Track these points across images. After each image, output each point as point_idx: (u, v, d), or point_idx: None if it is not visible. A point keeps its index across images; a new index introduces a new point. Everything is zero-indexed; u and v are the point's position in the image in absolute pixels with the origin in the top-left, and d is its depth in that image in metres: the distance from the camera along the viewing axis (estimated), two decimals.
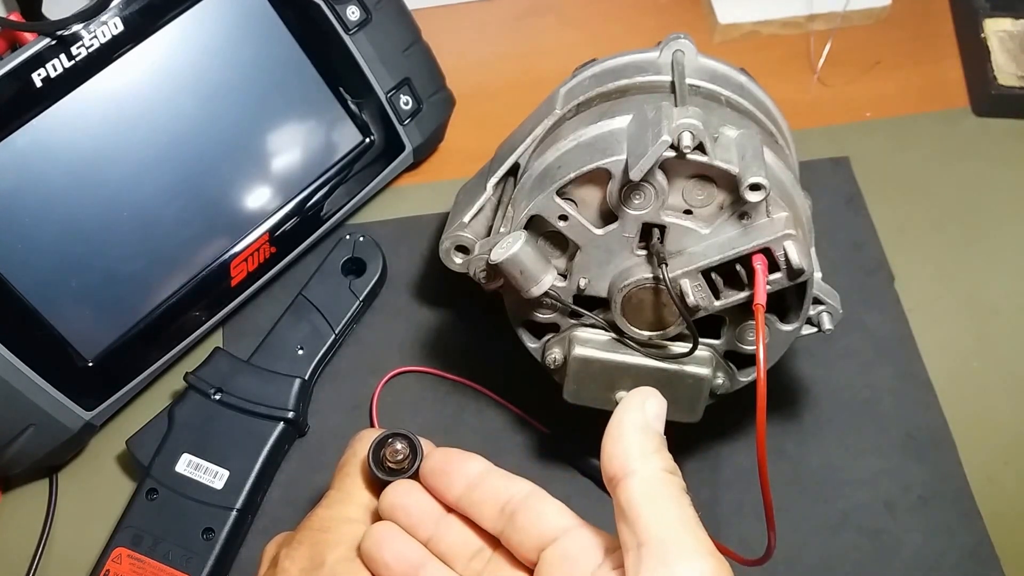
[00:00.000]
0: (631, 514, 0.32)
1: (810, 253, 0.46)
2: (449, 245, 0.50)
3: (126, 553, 0.52)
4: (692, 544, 0.31)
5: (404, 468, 0.41)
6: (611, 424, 0.34)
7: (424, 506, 0.39)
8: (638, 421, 0.33)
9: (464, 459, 0.39)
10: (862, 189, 0.67)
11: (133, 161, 0.54)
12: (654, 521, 0.31)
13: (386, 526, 0.38)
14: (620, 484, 0.32)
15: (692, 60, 0.51)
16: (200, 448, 0.54)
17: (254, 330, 0.61)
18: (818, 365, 0.60)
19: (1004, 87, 0.70)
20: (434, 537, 0.38)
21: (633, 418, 0.33)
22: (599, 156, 0.45)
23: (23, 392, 0.52)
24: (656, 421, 0.34)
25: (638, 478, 0.32)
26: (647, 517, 0.31)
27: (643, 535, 0.31)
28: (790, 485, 0.56)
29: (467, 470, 0.38)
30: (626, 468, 0.32)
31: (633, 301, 0.47)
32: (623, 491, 0.32)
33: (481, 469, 0.38)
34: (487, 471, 0.38)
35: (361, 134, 0.63)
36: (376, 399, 0.59)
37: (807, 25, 0.75)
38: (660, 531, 0.31)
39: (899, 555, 0.54)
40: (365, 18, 0.61)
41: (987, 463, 0.57)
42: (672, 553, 0.30)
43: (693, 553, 0.30)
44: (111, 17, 0.52)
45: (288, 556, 0.40)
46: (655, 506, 0.31)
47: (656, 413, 0.34)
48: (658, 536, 0.31)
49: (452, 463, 0.39)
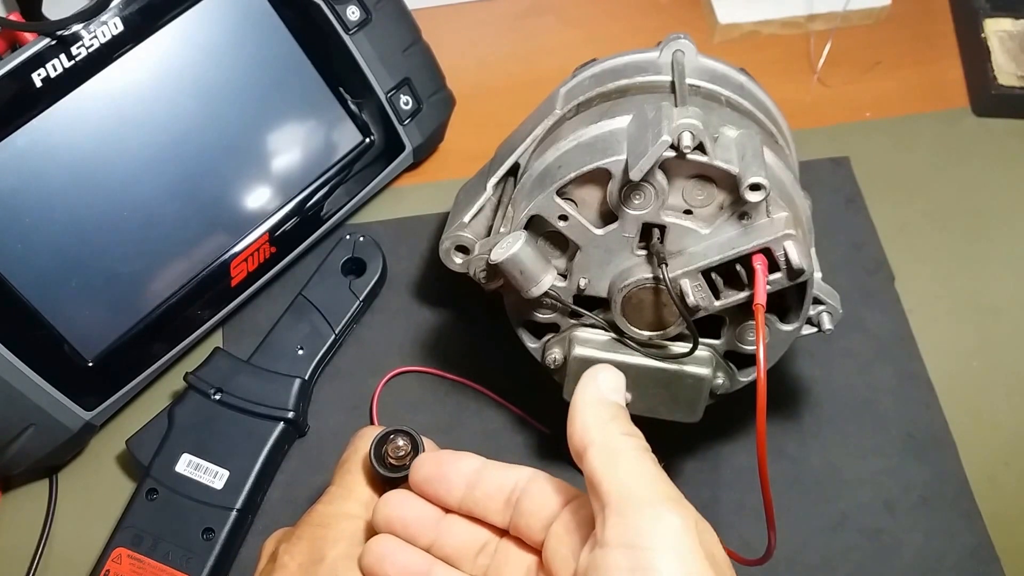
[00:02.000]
0: (594, 480, 0.32)
1: (810, 253, 0.46)
2: (449, 245, 0.50)
3: (126, 553, 0.52)
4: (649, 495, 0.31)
5: (406, 464, 0.41)
6: (571, 405, 0.34)
7: (421, 513, 0.38)
8: (592, 395, 0.34)
9: (456, 459, 0.38)
10: (862, 189, 0.67)
11: (133, 161, 0.54)
12: (613, 481, 0.31)
13: (384, 539, 0.37)
14: (583, 458, 0.32)
15: (692, 60, 0.51)
16: (200, 448, 0.54)
17: (254, 330, 0.61)
18: (818, 365, 0.60)
19: (1004, 87, 0.70)
20: (436, 542, 0.38)
21: (588, 394, 0.34)
22: (599, 156, 0.45)
23: (23, 392, 0.52)
24: (611, 392, 0.34)
25: (596, 446, 0.32)
26: (607, 478, 0.31)
27: (605, 497, 0.31)
28: (790, 485, 0.56)
29: (463, 470, 0.38)
30: (585, 440, 0.33)
31: (633, 301, 0.47)
32: (586, 463, 0.32)
33: (476, 466, 0.38)
34: (482, 466, 0.38)
35: (361, 134, 0.63)
36: (376, 399, 0.59)
37: (807, 25, 0.75)
38: (618, 489, 0.31)
39: (899, 555, 0.54)
40: (365, 18, 0.61)
41: (987, 463, 0.57)
42: (631, 507, 0.30)
43: (653, 502, 0.30)
44: (111, 17, 0.52)
45: (287, 551, 0.40)
46: (614, 467, 0.32)
47: (610, 385, 0.34)
48: (617, 493, 0.31)
49: (445, 466, 0.38)
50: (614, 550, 0.30)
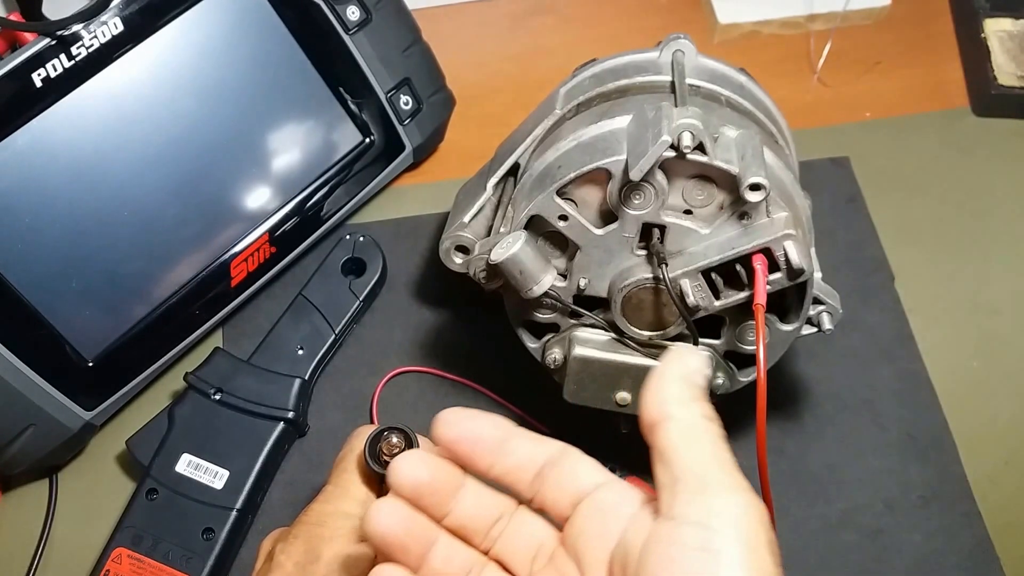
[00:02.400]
0: (668, 454, 0.32)
1: (810, 253, 0.46)
2: (449, 245, 0.50)
3: (126, 553, 0.52)
4: (728, 480, 0.31)
5: None
6: (652, 374, 0.34)
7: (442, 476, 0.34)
8: (678, 371, 0.33)
9: (488, 420, 0.35)
10: (862, 189, 0.67)
11: (133, 161, 0.54)
12: (691, 459, 0.31)
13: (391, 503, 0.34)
14: (658, 427, 0.32)
15: (692, 60, 0.51)
16: (200, 448, 0.54)
17: (254, 330, 0.61)
18: (818, 365, 0.60)
19: (1004, 87, 0.70)
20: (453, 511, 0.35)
21: (674, 368, 0.34)
22: (599, 156, 0.45)
23: (23, 392, 0.52)
24: (697, 375, 0.34)
25: (676, 421, 0.32)
26: (684, 456, 0.31)
27: (679, 471, 0.31)
28: (790, 485, 0.56)
29: (494, 435, 0.35)
30: (665, 412, 0.32)
31: (633, 301, 0.47)
32: (662, 433, 0.32)
33: (507, 430, 0.35)
34: (513, 433, 0.35)
35: (361, 134, 0.63)
36: (376, 399, 0.59)
37: (807, 25, 0.75)
38: (697, 467, 0.31)
39: (899, 555, 0.54)
40: (365, 18, 0.61)
41: (987, 463, 0.57)
42: (710, 486, 0.31)
43: (729, 488, 0.31)
44: (111, 17, 0.52)
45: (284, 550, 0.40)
46: (693, 447, 0.32)
47: (697, 368, 0.34)
48: (694, 471, 0.31)
49: (478, 428, 0.35)
50: (684, 525, 0.30)
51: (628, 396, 0.49)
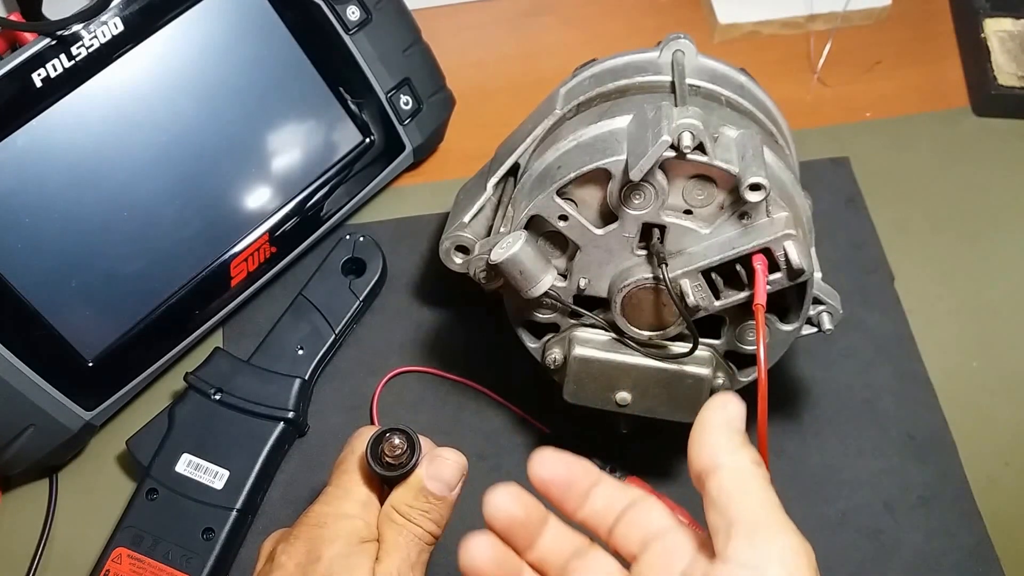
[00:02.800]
0: (722, 501, 0.34)
1: (810, 253, 0.46)
2: (449, 245, 0.50)
3: (126, 553, 0.52)
4: (779, 523, 0.33)
5: (402, 463, 0.41)
6: (697, 424, 0.35)
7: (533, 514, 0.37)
8: (721, 419, 0.35)
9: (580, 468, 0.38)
10: (862, 189, 0.67)
11: (133, 161, 0.54)
12: (744, 505, 0.33)
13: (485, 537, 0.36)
14: (711, 476, 0.34)
15: (692, 60, 0.51)
16: (200, 448, 0.54)
17: (254, 330, 0.61)
18: (818, 365, 0.60)
19: (1004, 87, 0.70)
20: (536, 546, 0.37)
21: (717, 417, 0.35)
22: (599, 156, 0.45)
23: (23, 392, 0.52)
24: (739, 421, 0.35)
25: (728, 469, 0.34)
26: (738, 502, 0.33)
27: (733, 516, 0.33)
28: (790, 485, 0.56)
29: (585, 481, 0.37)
30: (715, 461, 0.34)
31: (633, 301, 0.47)
32: (714, 481, 0.34)
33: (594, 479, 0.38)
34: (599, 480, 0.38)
35: (361, 134, 0.63)
36: (376, 399, 0.59)
37: (807, 25, 0.75)
38: (749, 513, 0.33)
39: (899, 555, 0.54)
40: (365, 18, 0.61)
41: (987, 463, 0.57)
42: (761, 530, 0.33)
43: (780, 531, 0.33)
44: (111, 17, 0.52)
45: (285, 551, 0.40)
46: (745, 493, 0.34)
47: (737, 414, 0.35)
48: (747, 517, 0.33)
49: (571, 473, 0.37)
50: (738, 568, 0.32)
51: (628, 396, 0.49)
